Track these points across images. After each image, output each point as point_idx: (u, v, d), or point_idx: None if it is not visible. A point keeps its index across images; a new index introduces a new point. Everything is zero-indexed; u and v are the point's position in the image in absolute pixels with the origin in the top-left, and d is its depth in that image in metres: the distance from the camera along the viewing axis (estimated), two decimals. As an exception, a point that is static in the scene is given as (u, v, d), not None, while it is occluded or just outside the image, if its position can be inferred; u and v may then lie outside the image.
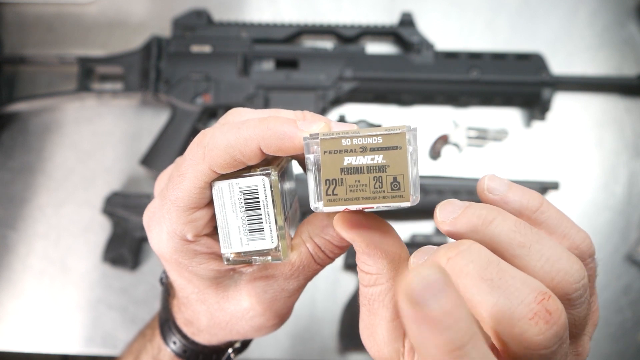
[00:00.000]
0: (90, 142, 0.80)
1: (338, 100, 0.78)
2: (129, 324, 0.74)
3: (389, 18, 0.82)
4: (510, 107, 0.79)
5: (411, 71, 0.75)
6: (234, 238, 0.28)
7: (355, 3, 0.83)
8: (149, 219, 0.30)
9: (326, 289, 0.75)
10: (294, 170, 0.36)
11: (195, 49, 0.76)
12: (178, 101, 0.75)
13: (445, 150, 0.79)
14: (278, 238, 0.28)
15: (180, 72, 0.76)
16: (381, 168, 0.24)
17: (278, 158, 0.29)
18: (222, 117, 0.30)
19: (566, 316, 0.22)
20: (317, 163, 0.24)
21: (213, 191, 0.28)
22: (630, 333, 0.73)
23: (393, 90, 0.77)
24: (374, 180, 0.24)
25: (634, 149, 0.78)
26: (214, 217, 0.29)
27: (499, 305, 0.21)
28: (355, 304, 0.73)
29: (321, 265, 0.31)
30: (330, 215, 0.29)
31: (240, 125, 0.26)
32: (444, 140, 0.78)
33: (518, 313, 0.21)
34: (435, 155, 0.78)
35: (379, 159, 0.24)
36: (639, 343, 0.73)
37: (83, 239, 0.77)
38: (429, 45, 0.76)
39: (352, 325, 0.72)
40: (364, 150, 0.24)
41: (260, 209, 0.27)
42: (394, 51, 0.81)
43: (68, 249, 0.76)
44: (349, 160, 0.24)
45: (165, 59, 0.76)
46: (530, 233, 0.24)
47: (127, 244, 0.74)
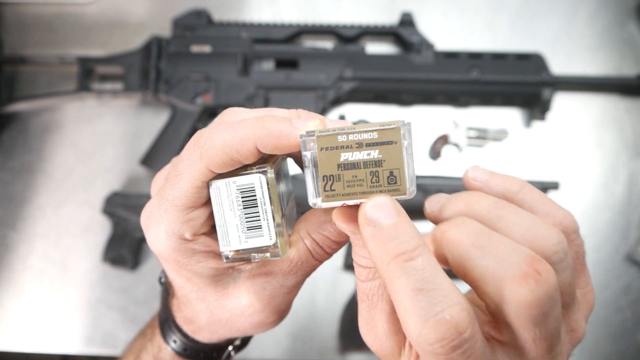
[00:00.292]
0: (90, 142, 0.80)
1: (338, 100, 0.78)
2: (129, 324, 0.74)
3: (389, 18, 0.82)
4: (510, 107, 0.79)
5: (411, 71, 0.75)
6: (233, 236, 0.28)
7: (355, 3, 0.83)
8: (146, 218, 0.30)
9: (326, 289, 0.75)
10: (291, 170, 0.36)
11: (195, 49, 0.76)
12: (178, 101, 0.75)
13: (445, 150, 0.79)
14: (276, 235, 0.28)
15: (180, 72, 0.76)
16: (377, 163, 0.24)
17: (274, 156, 0.29)
18: (218, 117, 0.30)
19: (556, 278, 0.22)
20: (314, 160, 0.24)
21: (210, 190, 0.28)
22: (630, 333, 0.73)
23: (393, 90, 0.77)
24: (371, 174, 0.24)
25: (634, 149, 0.78)
26: (211, 216, 0.29)
27: (491, 268, 0.22)
28: (355, 304, 0.73)
29: (319, 261, 0.31)
30: (327, 211, 0.29)
31: (237, 125, 0.26)
32: (444, 140, 0.78)
33: (509, 274, 0.22)
34: (435, 155, 0.78)
35: (374, 154, 0.24)
36: (639, 343, 0.73)
37: (83, 239, 0.77)
38: (429, 45, 0.76)
39: (352, 325, 0.72)
40: (359, 145, 0.24)
41: (257, 206, 0.28)
42: (394, 51, 0.81)
43: (68, 249, 0.76)
44: (346, 156, 0.24)
45: (165, 59, 0.76)
46: (508, 207, 0.25)
47: (127, 244, 0.74)
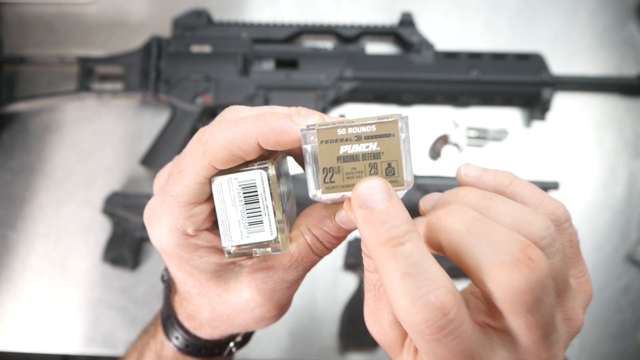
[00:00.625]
0: (90, 142, 0.80)
1: (338, 100, 0.79)
2: (129, 324, 0.74)
3: (389, 18, 0.82)
4: (510, 107, 0.79)
5: (411, 71, 0.75)
6: (234, 231, 0.28)
7: (355, 3, 0.83)
8: (149, 215, 0.30)
9: (326, 289, 0.75)
10: (291, 170, 0.36)
11: (195, 49, 0.76)
12: (178, 101, 0.75)
13: (445, 150, 0.79)
14: (277, 230, 0.28)
15: (180, 72, 0.76)
16: (376, 155, 0.25)
17: (274, 152, 0.30)
18: (219, 115, 0.31)
19: (549, 265, 0.23)
20: (315, 153, 0.25)
21: (213, 186, 0.28)
22: (630, 333, 0.73)
23: (393, 90, 0.77)
24: (370, 166, 0.25)
25: (634, 149, 0.78)
26: (213, 212, 0.30)
27: (484, 254, 0.23)
28: (354, 304, 0.73)
29: (319, 256, 0.32)
30: (328, 207, 0.30)
31: (238, 122, 0.27)
32: (444, 140, 0.78)
33: (502, 260, 0.22)
34: (435, 155, 0.78)
35: (373, 146, 0.25)
36: (639, 343, 0.73)
37: (83, 239, 0.77)
38: (429, 45, 0.76)
39: (352, 325, 0.72)
40: (358, 138, 0.25)
41: (259, 202, 0.28)
42: (394, 51, 0.81)
43: (68, 249, 0.76)
44: (345, 148, 0.25)
45: (165, 59, 0.76)
46: (495, 197, 0.26)
47: (127, 244, 0.74)
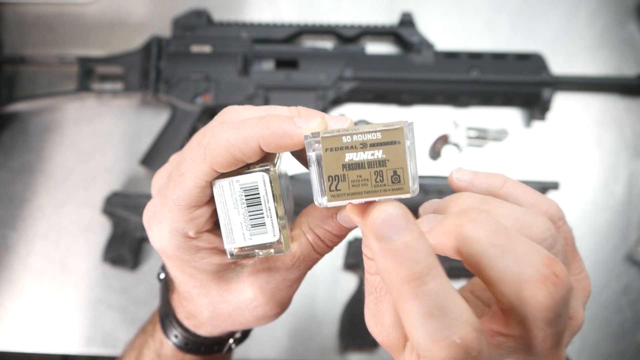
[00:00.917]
0: (90, 142, 0.80)
1: (338, 100, 0.78)
2: (129, 324, 0.74)
3: (389, 18, 0.82)
4: (510, 107, 0.79)
5: (411, 71, 0.75)
6: (237, 233, 0.28)
7: (355, 3, 0.83)
8: (149, 217, 0.30)
9: (326, 289, 0.75)
10: (289, 169, 0.36)
11: (195, 49, 0.76)
12: (178, 101, 0.75)
13: (445, 150, 0.79)
14: (280, 231, 0.28)
15: (180, 72, 0.76)
16: (381, 162, 0.25)
17: (274, 154, 0.30)
18: (218, 115, 0.30)
19: (570, 280, 0.22)
20: (319, 161, 0.25)
21: (214, 189, 0.28)
22: (630, 333, 0.73)
23: (393, 90, 0.77)
24: (375, 174, 0.25)
25: (634, 149, 0.78)
26: (214, 214, 0.29)
27: (510, 269, 0.22)
28: (354, 304, 0.73)
29: (320, 255, 0.32)
30: (330, 207, 0.29)
31: (240, 125, 0.26)
32: (444, 140, 0.78)
33: (528, 277, 0.22)
34: (435, 155, 0.78)
35: (378, 154, 0.25)
36: (639, 343, 0.73)
37: (83, 239, 0.77)
38: (429, 45, 0.76)
39: (352, 325, 0.72)
40: (364, 146, 0.25)
41: (261, 204, 0.28)
42: (394, 51, 0.81)
43: (68, 249, 0.76)
44: (350, 156, 0.25)
45: (165, 59, 0.76)
46: (493, 201, 0.26)
47: (127, 244, 0.74)
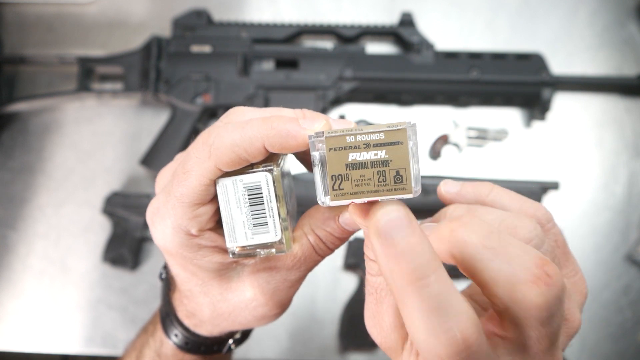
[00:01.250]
0: (90, 142, 0.80)
1: (338, 100, 0.79)
2: (129, 324, 0.74)
3: (389, 18, 0.82)
4: (510, 107, 0.79)
5: (411, 71, 0.75)
6: (239, 232, 0.29)
7: (355, 3, 0.83)
8: (152, 214, 0.31)
9: (326, 289, 0.75)
10: (292, 170, 0.36)
11: (195, 49, 0.76)
12: (178, 101, 0.75)
13: (445, 150, 0.79)
14: (281, 231, 0.29)
15: (180, 72, 0.76)
16: (384, 163, 0.25)
17: (277, 154, 0.30)
18: (224, 116, 0.30)
19: (563, 280, 0.23)
20: (323, 160, 0.25)
21: (217, 188, 0.28)
22: (630, 333, 0.73)
23: (393, 90, 0.77)
24: (378, 174, 0.25)
25: (634, 149, 0.78)
26: (217, 212, 0.30)
27: (502, 271, 0.22)
28: (354, 304, 0.73)
29: (322, 256, 0.32)
30: (331, 208, 0.30)
31: (245, 125, 0.27)
32: (444, 140, 0.78)
33: (521, 277, 0.22)
34: (435, 155, 0.78)
35: (381, 154, 0.25)
36: (639, 343, 0.73)
37: (83, 239, 0.77)
38: (429, 45, 0.76)
39: (352, 325, 0.72)
40: (367, 146, 0.25)
41: (263, 203, 0.28)
42: (394, 51, 0.81)
43: (68, 249, 0.76)
44: (354, 156, 0.25)
45: (165, 59, 0.76)
46: (480, 209, 0.27)
47: (127, 244, 0.74)
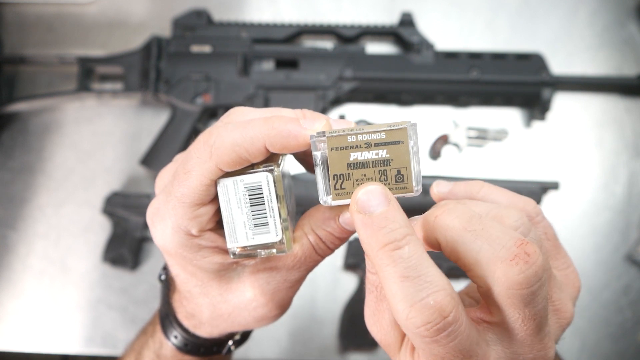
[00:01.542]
0: (90, 142, 0.80)
1: (338, 100, 0.79)
2: (129, 324, 0.74)
3: (389, 18, 0.82)
4: (510, 107, 0.79)
5: (411, 71, 0.75)
6: (240, 233, 0.29)
7: (355, 3, 0.83)
8: (152, 214, 0.31)
9: (326, 289, 0.75)
10: (292, 170, 0.36)
11: (195, 49, 0.76)
12: (178, 101, 0.75)
13: (445, 150, 0.79)
14: (282, 231, 0.29)
15: (180, 72, 0.76)
16: (385, 162, 0.25)
17: (277, 154, 0.30)
18: (225, 116, 0.30)
19: (543, 259, 0.24)
20: (325, 159, 0.25)
21: (218, 188, 0.28)
22: (630, 333, 0.73)
23: (393, 90, 0.77)
24: (379, 173, 0.25)
25: (634, 149, 0.78)
26: (217, 213, 0.30)
27: (483, 251, 0.24)
28: (354, 304, 0.73)
29: (322, 256, 0.32)
30: (331, 208, 0.30)
31: (246, 125, 0.27)
32: (444, 140, 0.78)
33: (500, 256, 0.23)
34: (435, 155, 0.78)
35: (383, 153, 0.25)
36: (639, 343, 0.73)
37: (83, 239, 0.77)
38: (429, 45, 0.76)
39: (352, 325, 0.72)
40: (368, 145, 0.25)
41: (264, 204, 0.28)
42: (394, 51, 0.81)
43: (68, 249, 0.76)
44: (355, 155, 0.25)
45: (165, 59, 0.76)
46: (469, 202, 0.28)
47: (127, 244, 0.74)
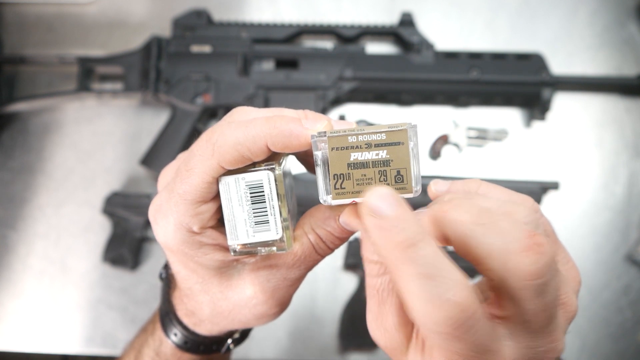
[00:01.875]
0: (90, 142, 0.80)
1: (338, 100, 0.79)
2: (129, 324, 0.74)
3: (389, 18, 0.82)
4: (510, 107, 0.79)
5: (411, 71, 0.75)
6: (241, 230, 0.29)
7: (355, 3, 0.83)
8: (155, 211, 0.31)
9: (326, 289, 0.75)
10: (293, 170, 0.36)
11: (195, 49, 0.76)
12: (178, 101, 0.75)
13: (445, 150, 0.79)
14: (282, 229, 0.29)
15: (180, 72, 0.76)
16: (385, 162, 0.25)
17: (279, 154, 0.30)
18: (228, 115, 0.31)
19: (554, 249, 0.24)
20: (325, 159, 0.26)
21: (220, 186, 0.29)
22: (630, 333, 0.73)
23: (393, 90, 0.77)
24: (379, 174, 0.26)
25: (634, 149, 0.78)
26: (218, 210, 0.30)
27: (495, 245, 0.24)
28: (354, 304, 0.73)
29: (321, 256, 0.32)
30: (332, 208, 0.30)
31: (248, 124, 0.27)
32: (444, 140, 0.78)
33: (512, 248, 0.23)
34: (435, 155, 0.78)
35: (383, 154, 0.25)
36: (639, 343, 0.73)
37: (83, 239, 0.77)
38: (429, 45, 0.76)
39: (352, 325, 0.72)
40: (369, 146, 0.25)
41: (265, 202, 0.29)
42: (394, 51, 0.81)
43: (68, 249, 0.76)
44: (355, 155, 0.25)
45: (165, 59, 0.76)
46: (476, 196, 0.28)
47: (127, 244, 0.74)
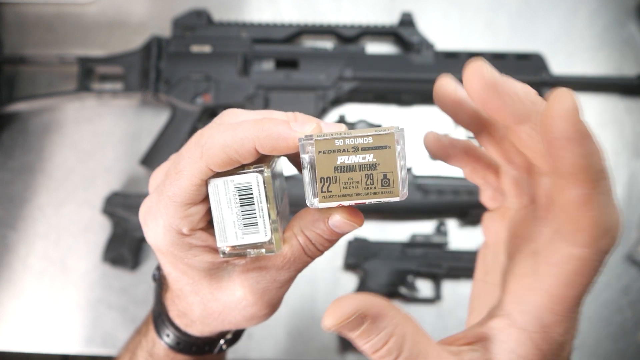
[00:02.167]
0: (90, 142, 0.80)
1: (338, 100, 0.79)
2: (129, 324, 0.74)
3: (389, 18, 0.82)
4: (510, 107, 0.79)
5: (411, 71, 0.75)
6: (230, 232, 0.29)
7: (355, 3, 0.83)
8: (145, 213, 0.31)
9: (326, 289, 0.75)
10: (285, 170, 0.36)
11: (195, 49, 0.76)
12: (178, 101, 0.75)
13: (445, 150, 0.79)
14: (271, 231, 0.29)
15: (180, 72, 0.76)
16: (372, 166, 0.25)
17: (269, 156, 0.30)
18: (217, 117, 0.31)
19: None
20: (312, 162, 0.26)
21: (209, 188, 0.29)
22: (630, 333, 0.73)
23: (393, 90, 0.77)
24: (366, 177, 0.25)
25: (634, 149, 0.78)
26: (208, 212, 0.30)
27: (517, 86, 0.26)
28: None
29: (311, 258, 0.32)
30: (321, 210, 0.30)
31: (237, 126, 0.27)
32: (444, 140, 0.78)
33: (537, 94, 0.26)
34: (435, 155, 0.78)
35: (370, 157, 0.25)
36: (639, 343, 0.73)
37: (83, 239, 0.77)
38: (429, 45, 0.76)
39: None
40: (355, 149, 0.25)
41: (254, 204, 0.29)
42: (394, 51, 0.81)
43: (68, 249, 0.76)
44: (342, 159, 0.25)
45: (165, 59, 0.76)
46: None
47: (127, 244, 0.74)
